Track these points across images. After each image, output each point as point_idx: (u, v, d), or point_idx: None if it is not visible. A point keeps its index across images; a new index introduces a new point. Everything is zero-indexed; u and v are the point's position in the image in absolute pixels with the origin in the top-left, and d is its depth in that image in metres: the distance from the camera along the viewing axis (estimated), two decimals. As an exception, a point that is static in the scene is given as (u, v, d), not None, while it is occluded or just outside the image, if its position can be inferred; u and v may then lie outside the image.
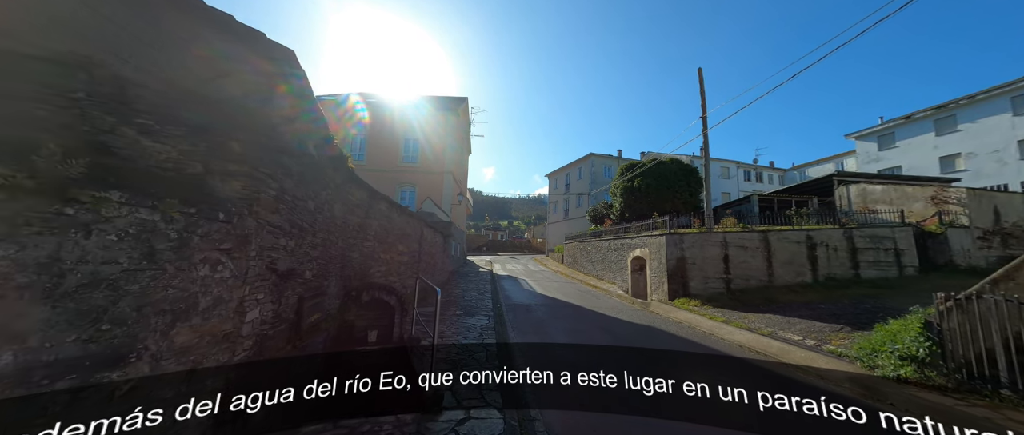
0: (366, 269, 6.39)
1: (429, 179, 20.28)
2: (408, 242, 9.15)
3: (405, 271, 9.01)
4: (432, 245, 11.99)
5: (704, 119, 13.54)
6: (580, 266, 23.52)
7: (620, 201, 23.40)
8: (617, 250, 17.40)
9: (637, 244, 15.15)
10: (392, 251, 7.92)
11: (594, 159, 32.50)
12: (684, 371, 3.07)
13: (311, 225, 4.36)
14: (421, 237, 10.41)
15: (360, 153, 20.79)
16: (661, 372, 3.07)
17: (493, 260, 31.89)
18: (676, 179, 21.99)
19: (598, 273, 19.80)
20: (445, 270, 15.41)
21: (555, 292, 15.21)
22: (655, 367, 3.14)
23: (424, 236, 10.69)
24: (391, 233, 7.75)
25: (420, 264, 10.36)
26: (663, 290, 12.55)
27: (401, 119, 20.86)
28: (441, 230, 13.79)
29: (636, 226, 17.05)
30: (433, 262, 12.27)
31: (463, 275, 19.78)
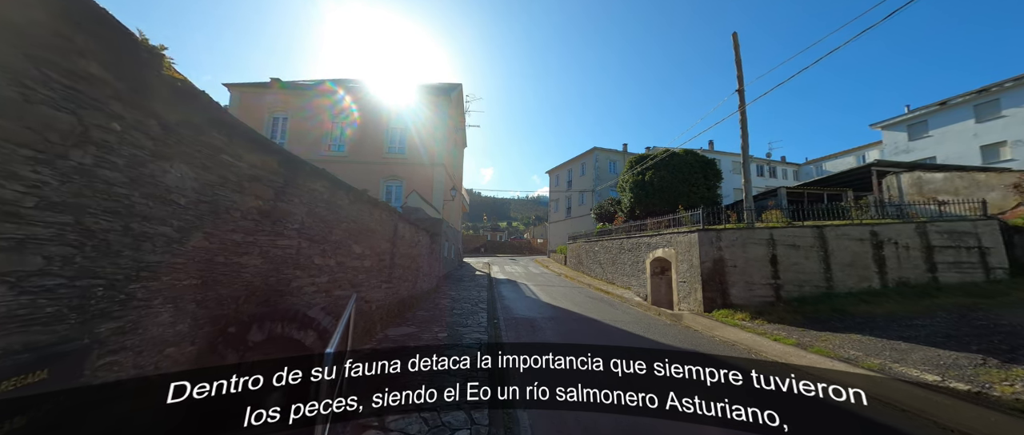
0: (280, 284, 3.96)
1: (418, 172, 17.87)
2: (373, 241, 6.72)
3: (368, 281, 6.57)
4: (412, 245, 9.54)
5: (741, 92, 11.16)
6: (586, 268, 21.10)
7: (630, 197, 21.01)
8: (632, 251, 14.99)
9: (658, 243, 12.74)
10: (342, 254, 5.48)
11: (598, 154, 30.12)
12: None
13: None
14: (395, 235, 7.97)
15: (340, 144, 18.36)
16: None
17: (491, 262, 29.45)
18: (692, 172, 19.63)
19: (608, 276, 17.38)
20: (433, 275, 12.96)
21: (563, 300, 12.78)
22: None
23: (399, 233, 8.26)
24: (337, 227, 5.31)
25: (393, 270, 7.92)
26: (696, 298, 10.13)
27: (386, 106, 18.45)
28: (428, 228, 11.36)
29: (654, 223, 14.64)
30: (414, 266, 9.82)
31: (457, 279, 17.34)
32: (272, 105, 18.24)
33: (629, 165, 22.09)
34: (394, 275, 8.00)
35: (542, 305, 11.73)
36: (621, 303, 12.61)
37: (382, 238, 7.22)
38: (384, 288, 7.47)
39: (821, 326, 7.79)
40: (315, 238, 4.69)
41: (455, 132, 21.77)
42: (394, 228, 7.91)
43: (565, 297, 13.45)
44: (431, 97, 18.71)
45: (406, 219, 8.79)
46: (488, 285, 15.85)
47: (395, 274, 8.07)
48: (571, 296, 13.76)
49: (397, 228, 8.11)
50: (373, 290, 6.80)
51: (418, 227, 9.88)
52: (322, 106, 18.38)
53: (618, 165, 30.81)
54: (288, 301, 4.03)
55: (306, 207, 4.48)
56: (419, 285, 10.53)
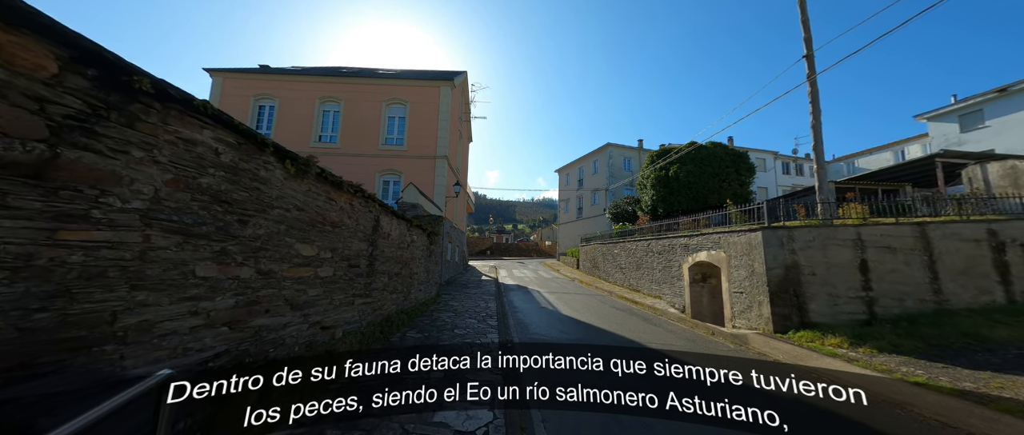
0: (78, 323, 1.83)
1: (418, 166, 15.80)
2: (336, 238, 4.60)
3: (327, 298, 4.44)
4: (403, 245, 7.41)
5: (809, 58, 8.94)
6: (604, 273, 18.86)
7: (652, 194, 18.80)
8: (662, 254, 12.76)
9: (700, 245, 10.51)
10: (271, 257, 3.36)
11: (612, 150, 27.91)
12: None
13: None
14: (376, 232, 5.85)
15: (332, 135, 16.35)
16: None
17: (498, 265, 27.30)
18: (722, 165, 17.39)
19: (631, 282, 15.14)
20: (432, 281, 10.83)
21: (586, 312, 10.59)
22: None
23: (383, 230, 6.13)
24: (259, 215, 3.21)
25: (373, 278, 5.78)
26: (760, 314, 7.90)
27: (383, 94, 16.43)
28: (426, 226, 9.23)
29: (688, 221, 12.42)
30: (406, 272, 7.70)
31: (461, 285, 15.21)
32: (257, 92, 16.28)
33: (650, 159, 19.88)
34: (374, 286, 5.87)
35: (564, 320, 9.54)
36: (656, 317, 10.39)
37: (353, 235, 5.10)
38: (358, 305, 5.35)
39: (961, 359, 5.54)
40: (196, 231, 2.57)
41: (460, 123, 19.70)
42: (375, 222, 5.78)
43: (587, 308, 11.25)
44: (433, 84, 16.66)
45: (394, 213, 6.66)
46: (496, 293, 13.69)
47: (376, 284, 5.94)
48: (594, 307, 11.56)
49: (380, 223, 5.99)
50: (337, 311, 4.67)
51: (412, 224, 7.76)
52: (312, 93, 16.40)
53: (633, 162, 28.60)
54: (92, 360, 1.90)
55: (172, 172, 2.36)
56: (413, 295, 8.40)
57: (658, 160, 19.01)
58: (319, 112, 16.41)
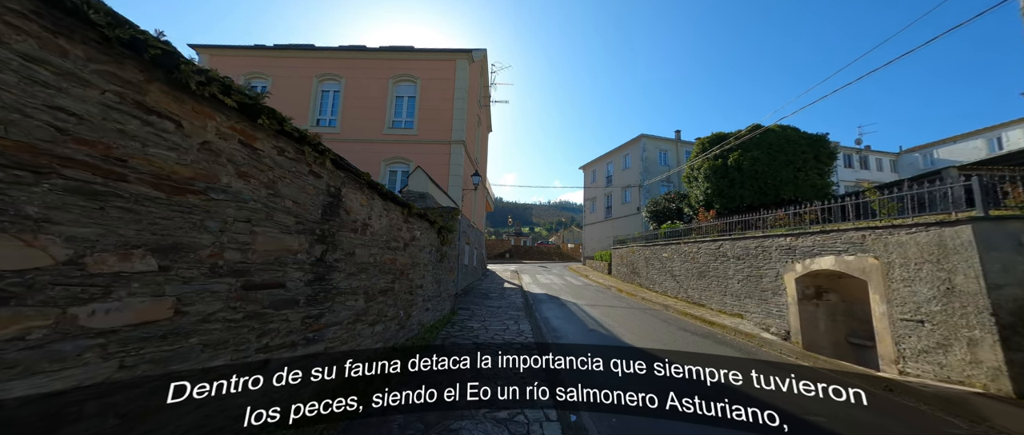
0: None
1: (431, 153, 13.12)
2: (188, 230, 1.77)
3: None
4: (394, 244, 4.61)
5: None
6: (648, 281, 15.76)
7: (706, 187, 15.62)
8: (746, 258, 9.65)
9: (819, 246, 7.39)
10: None
11: (646, 142, 24.73)
12: None
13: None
14: (338, 215, 3.06)
15: (332, 118, 13.84)
16: None
17: (519, 270, 24.42)
18: (797, 152, 14.10)
19: (692, 294, 12.02)
20: (442, 295, 8.03)
21: (651, 339, 7.61)
22: None
23: (353, 214, 3.34)
24: None
25: (324, 305, 2.96)
26: (972, 359, 4.77)
27: (390, 69, 13.86)
28: (435, 219, 6.42)
29: (782, 216, 9.28)
30: (405, 283, 4.92)
31: (481, 295, 12.40)
32: (247, 70, 13.93)
33: (701, 147, 16.69)
34: (329, 319, 3.08)
35: (631, 354, 6.59)
36: (754, 347, 7.31)
37: (269, 221, 2.31)
38: (300, 348, 2.56)
39: None
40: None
41: (478, 108, 16.99)
42: (332, 199, 3.01)
43: (652, 332, 8.25)
44: (448, 57, 13.99)
45: (375, 187, 3.85)
46: (525, 307, 10.81)
47: (334, 315, 3.15)
48: (658, 330, 8.54)
49: (343, 200, 3.21)
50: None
51: (409, 211, 4.96)
52: (309, 71, 13.96)
53: (670, 155, 25.34)
54: None
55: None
56: (416, 318, 5.61)
57: (711, 148, 15.83)
58: (317, 92, 13.94)
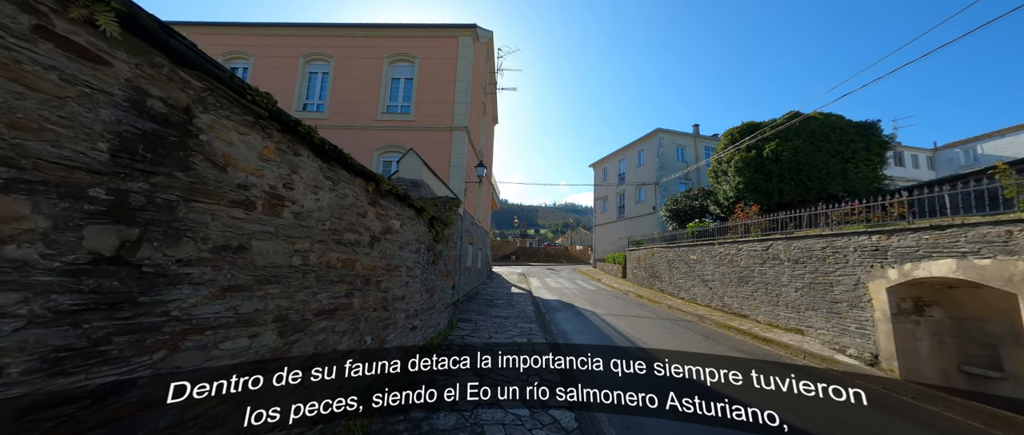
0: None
1: (429, 140, 11.51)
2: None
3: None
4: (359, 237, 2.94)
5: None
6: (671, 286, 14.01)
7: (737, 182, 13.86)
8: (806, 262, 7.89)
9: (927, 246, 5.64)
10: None
11: (662, 137, 22.97)
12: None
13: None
14: (207, 170, 1.41)
15: (320, 102, 12.30)
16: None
17: (527, 272, 22.74)
18: (845, 142, 12.32)
19: (731, 303, 10.24)
20: (436, 307, 6.37)
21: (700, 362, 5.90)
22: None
23: (277, 174, 1.66)
24: None
25: (223, 330, 1.31)
26: None
27: (385, 48, 12.30)
28: (424, 206, 4.78)
29: (858, 208, 7.54)
30: (366, 299, 3.24)
31: (486, 302, 10.73)
32: (227, 49, 12.44)
33: (730, 139, 14.94)
34: (184, 356, 1.43)
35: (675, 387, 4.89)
36: (838, 376, 5.57)
37: None
38: None
39: None
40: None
41: (484, 95, 15.38)
42: (159, 125, 1.37)
43: (697, 355, 6.52)
44: (450, 34, 12.40)
45: (296, 133, 2.17)
46: (537, 317, 9.13)
47: (198, 353, 1.51)
48: (704, 352, 6.82)
49: (202, 137, 1.57)
50: None
51: (380, 190, 3.31)
52: (295, 50, 12.44)
53: (688, 151, 23.56)
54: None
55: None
56: (396, 339, 3.97)
57: (743, 138, 14.08)
58: (304, 74, 12.41)
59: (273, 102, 1.84)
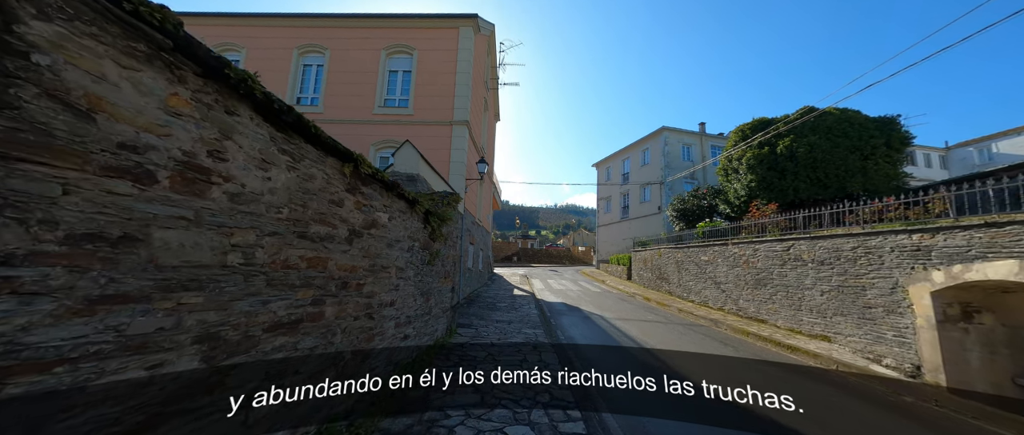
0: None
1: (429, 135, 10.94)
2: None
3: None
4: (332, 229, 2.34)
5: None
6: (680, 288, 13.39)
7: (749, 180, 13.25)
8: (835, 263, 7.28)
9: (974, 247, 5.03)
10: None
11: (668, 135, 22.37)
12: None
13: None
14: (70, 123, 0.85)
15: (314, 96, 11.75)
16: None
17: (529, 274, 22.13)
18: (864, 138, 11.70)
19: (747, 306, 9.62)
20: (432, 313, 5.78)
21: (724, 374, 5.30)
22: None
23: (197, 135, 1.10)
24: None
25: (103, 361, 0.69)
26: None
27: (383, 38, 11.75)
28: (418, 199, 4.20)
29: (871, 210, 6.93)
30: (343, 307, 2.65)
31: (487, 305, 10.12)
32: (217, 41, 11.90)
33: (740, 135, 14.33)
34: None
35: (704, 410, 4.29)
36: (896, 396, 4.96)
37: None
38: None
39: None
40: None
41: (485, 90, 14.82)
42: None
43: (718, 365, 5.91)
44: (450, 24, 11.85)
45: (225, 79, 1.58)
46: (543, 322, 8.53)
47: None
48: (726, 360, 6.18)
49: (67, 80, 0.99)
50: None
51: (360, 173, 2.72)
52: (289, 42, 11.90)
53: (694, 150, 22.97)
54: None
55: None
56: (384, 350, 3.38)
57: (754, 135, 13.47)
58: (298, 66, 11.87)
59: (177, 24, 1.26)
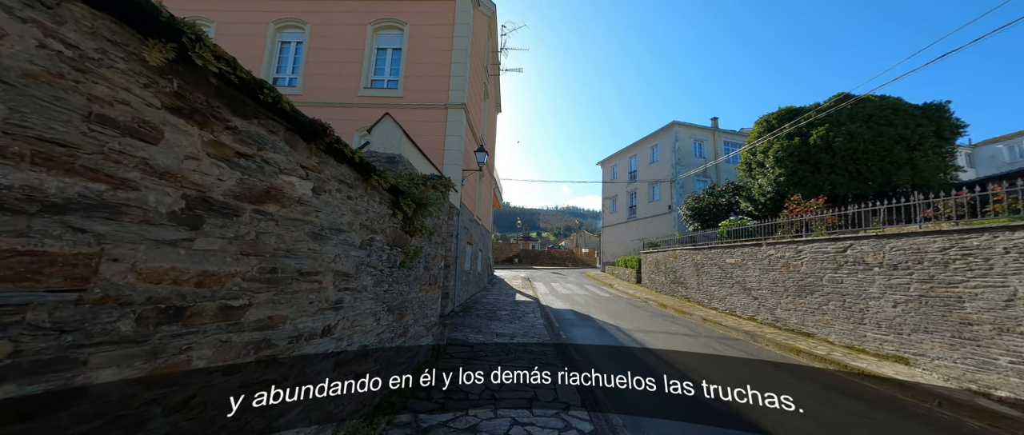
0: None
1: (421, 120, 9.58)
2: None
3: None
4: (135, 191, 0.92)
5: None
6: (697, 293, 12.00)
7: (777, 174, 11.88)
8: (911, 268, 5.89)
9: None
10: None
11: (679, 131, 21.02)
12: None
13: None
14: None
15: (292, 76, 10.39)
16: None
17: (531, 277, 20.73)
18: (910, 126, 10.34)
19: (781, 316, 8.21)
20: (408, 329, 4.38)
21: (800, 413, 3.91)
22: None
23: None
24: None
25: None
26: None
27: (369, 11, 10.39)
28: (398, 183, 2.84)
29: (945, 202, 5.55)
30: (121, 369, 1.25)
31: (486, 314, 8.73)
32: (185, 12, 10.52)
33: (765, 126, 12.98)
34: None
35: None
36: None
37: None
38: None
39: None
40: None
41: (485, 75, 13.46)
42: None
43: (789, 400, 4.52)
44: (447, 0, 10.49)
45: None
46: (551, 334, 7.13)
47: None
48: (797, 395, 4.78)
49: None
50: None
51: (271, 115, 1.31)
52: (264, 16, 10.54)
53: (705, 146, 21.61)
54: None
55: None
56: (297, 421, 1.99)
57: (781, 125, 12.11)
58: (274, 43, 10.51)
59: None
